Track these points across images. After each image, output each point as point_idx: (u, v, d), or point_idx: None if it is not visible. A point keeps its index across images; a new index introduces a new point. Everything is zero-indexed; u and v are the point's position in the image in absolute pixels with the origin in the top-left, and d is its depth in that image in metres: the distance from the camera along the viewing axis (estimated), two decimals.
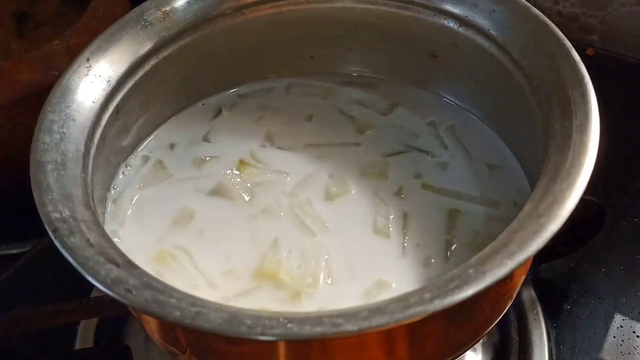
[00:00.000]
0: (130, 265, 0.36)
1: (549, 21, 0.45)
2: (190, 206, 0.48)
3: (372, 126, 0.53)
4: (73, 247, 0.36)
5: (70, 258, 0.35)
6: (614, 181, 0.61)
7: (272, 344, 0.37)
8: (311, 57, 0.57)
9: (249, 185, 0.49)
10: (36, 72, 0.62)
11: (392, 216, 0.46)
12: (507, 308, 0.43)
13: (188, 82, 0.54)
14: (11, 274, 0.60)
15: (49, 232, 0.37)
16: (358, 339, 0.37)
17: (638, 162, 0.65)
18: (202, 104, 0.56)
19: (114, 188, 0.49)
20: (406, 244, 0.45)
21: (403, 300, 0.33)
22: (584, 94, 0.41)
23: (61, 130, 0.42)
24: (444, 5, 0.50)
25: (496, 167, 0.49)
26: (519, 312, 0.54)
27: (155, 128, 0.53)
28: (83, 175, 0.41)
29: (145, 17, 0.49)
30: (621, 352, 0.52)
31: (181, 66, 0.52)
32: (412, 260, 0.44)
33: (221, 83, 0.56)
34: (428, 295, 0.33)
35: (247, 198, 0.48)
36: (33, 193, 0.39)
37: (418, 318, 0.32)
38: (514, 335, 0.53)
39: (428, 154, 0.51)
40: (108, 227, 0.46)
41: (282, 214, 0.47)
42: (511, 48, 0.46)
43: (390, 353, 0.39)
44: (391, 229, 0.46)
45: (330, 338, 0.33)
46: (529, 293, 0.55)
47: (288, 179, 0.49)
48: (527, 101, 0.44)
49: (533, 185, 0.39)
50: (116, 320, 0.56)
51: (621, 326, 0.53)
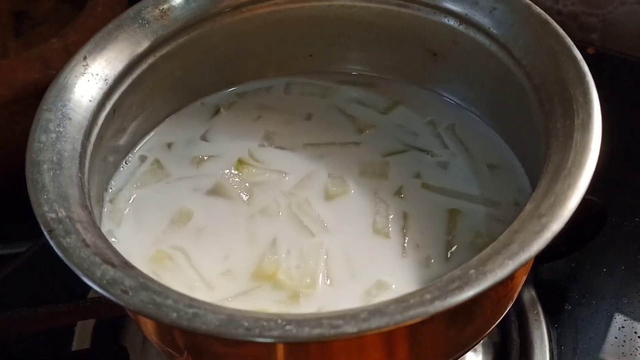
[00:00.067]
0: (126, 265, 0.35)
1: (551, 19, 0.45)
2: (188, 206, 0.47)
3: (372, 125, 0.53)
4: (69, 248, 0.36)
5: (65, 259, 0.35)
6: (615, 181, 0.61)
7: (271, 346, 0.36)
8: (310, 56, 0.57)
9: (248, 185, 0.49)
10: (34, 71, 0.61)
11: (392, 216, 0.46)
12: (508, 309, 0.43)
13: (186, 81, 0.53)
14: (8, 275, 0.60)
15: (45, 233, 0.36)
16: (357, 341, 0.36)
17: (639, 162, 0.64)
18: (200, 103, 0.55)
19: (111, 188, 0.49)
20: (406, 244, 0.44)
21: (403, 301, 0.33)
22: (586, 93, 0.40)
23: (57, 129, 0.42)
24: (444, 3, 0.49)
25: (497, 167, 0.49)
26: (520, 313, 0.54)
27: (152, 127, 0.53)
28: (79, 174, 0.41)
29: (142, 15, 0.49)
30: (622, 353, 0.52)
31: (179, 65, 0.51)
32: (412, 260, 0.44)
33: (219, 82, 0.56)
34: (428, 296, 0.32)
35: (246, 198, 0.48)
36: (29, 193, 0.38)
37: (418, 319, 0.32)
38: (515, 335, 0.53)
39: (428, 154, 0.50)
40: (105, 227, 0.46)
41: (281, 214, 0.47)
42: (512, 46, 0.46)
43: (390, 355, 0.38)
44: (391, 229, 0.45)
45: (329, 340, 0.32)
46: (530, 293, 0.55)
47: (287, 179, 0.49)
48: (528, 100, 0.44)
49: (534, 184, 0.39)
50: (113, 321, 0.56)
51: (622, 326, 0.53)
